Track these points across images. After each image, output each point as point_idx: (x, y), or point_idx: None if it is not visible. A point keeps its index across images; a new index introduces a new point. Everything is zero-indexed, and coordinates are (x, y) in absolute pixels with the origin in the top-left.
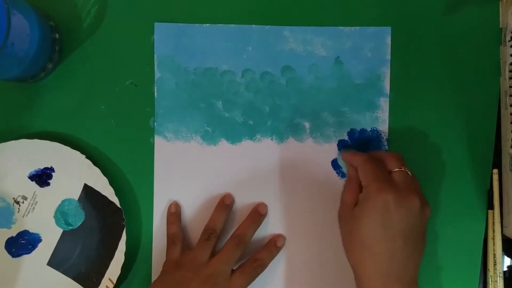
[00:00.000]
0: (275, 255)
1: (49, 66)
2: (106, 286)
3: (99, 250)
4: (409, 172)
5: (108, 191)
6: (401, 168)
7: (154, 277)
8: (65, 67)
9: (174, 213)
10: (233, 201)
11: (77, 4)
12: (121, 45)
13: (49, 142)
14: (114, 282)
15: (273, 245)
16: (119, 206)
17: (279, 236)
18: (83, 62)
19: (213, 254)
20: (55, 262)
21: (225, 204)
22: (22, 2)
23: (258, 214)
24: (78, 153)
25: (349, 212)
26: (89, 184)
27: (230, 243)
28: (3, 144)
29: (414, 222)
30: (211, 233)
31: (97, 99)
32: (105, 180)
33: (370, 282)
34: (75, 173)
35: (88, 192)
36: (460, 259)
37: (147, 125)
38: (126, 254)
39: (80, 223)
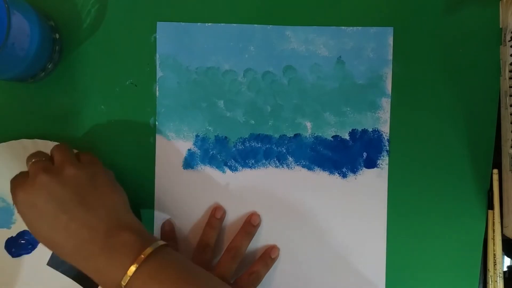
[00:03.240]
0: (270, 267)
1: (49, 66)
2: None
3: None
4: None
5: None
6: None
7: None
8: (65, 67)
9: (169, 231)
10: (224, 213)
11: (77, 4)
12: (121, 45)
13: (49, 142)
14: None
15: (268, 257)
16: None
17: (273, 247)
18: (83, 62)
19: (209, 268)
20: (55, 262)
21: (215, 218)
22: (22, 2)
23: (251, 225)
24: None
25: None
26: None
27: (225, 256)
28: (3, 144)
29: (61, 191)
30: (205, 247)
31: (97, 99)
32: None
33: (71, 260)
34: None
35: None
36: (460, 259)
37: (147, 125)
38: None
39: None
